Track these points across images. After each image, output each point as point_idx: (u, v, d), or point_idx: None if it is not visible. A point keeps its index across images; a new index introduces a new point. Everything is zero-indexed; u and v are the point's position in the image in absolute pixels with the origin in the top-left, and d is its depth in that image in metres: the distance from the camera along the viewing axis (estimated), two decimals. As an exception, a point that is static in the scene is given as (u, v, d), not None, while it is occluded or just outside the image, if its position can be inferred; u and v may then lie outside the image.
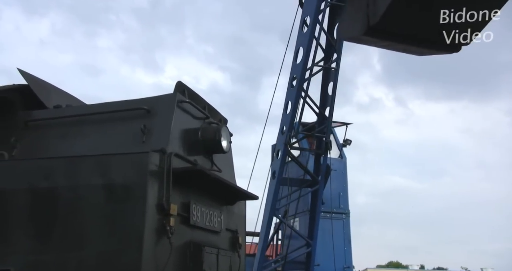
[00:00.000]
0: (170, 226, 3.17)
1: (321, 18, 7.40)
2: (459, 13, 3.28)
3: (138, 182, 3.11)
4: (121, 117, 3.69)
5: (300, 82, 7.45)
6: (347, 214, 8.66)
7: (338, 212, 8.55)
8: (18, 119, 3.86)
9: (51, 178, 3.22)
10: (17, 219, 3.19)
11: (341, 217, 8.55)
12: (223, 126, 4.12)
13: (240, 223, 4.51)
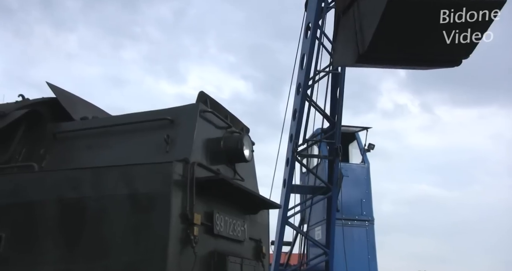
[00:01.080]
0: (194, 236, 3.18)
1: (321, 23, 7.37)
2: (459, 13, 3.23)
3: (162, 192, 3.14)
4: (145, 127, 3.75)
5: (304, 89, 7.44)
6: (370, 221, 8.41)
7: (360, 219, 8.32)
8: (47, 132, 3.98)
9: (78, 189, 3.29)
10: (46, 229, 3.27)
11: (363, 224, 8.32)
12: (245, 136, 4.14)
13: (263, 232, 4.49)
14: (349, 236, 7.96)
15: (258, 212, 4.39)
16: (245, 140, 4.03)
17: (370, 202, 8.58)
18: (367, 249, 8.21)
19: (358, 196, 8.37)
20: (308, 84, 7.40)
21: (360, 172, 8.67)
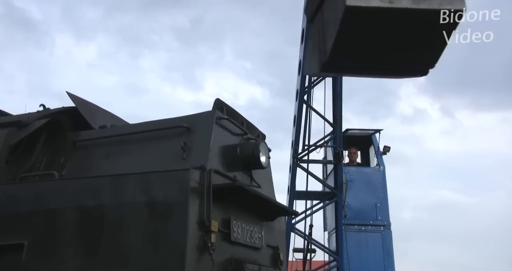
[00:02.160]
0: (212, 243, 3.18)
1: None
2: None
3: (180, 199, 3.16)
4: (162, 135, 3.79)
5: (301, 94, 7.48)
6: (385, 226, 8.10)
7: (375, 224, 8.04)
8: (67, 140, 4.05)
9: (97, 196, 3.33)
10: (67, 236, 3.32)
11: (378, 230, 8.02)
12: (262, 142, 4.14)
13: (280, 239, 4.46)
14: (364, 242, 7.77)
15: (275, 219, 4.37)
16: (261, 147, 4.03)
17: (385, 206, 8.29)
18: (382, 255, 7.93)
19: (373, 200, 8.09)
20: (304, 90, 7.45)
21: (375, 176, 8.38)
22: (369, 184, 8.20)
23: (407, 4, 3.50)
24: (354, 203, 7.96)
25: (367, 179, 8.28)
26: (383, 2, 3.51)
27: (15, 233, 3.40)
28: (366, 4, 3.57)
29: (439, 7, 3.45)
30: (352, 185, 8.03)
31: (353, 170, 8.34)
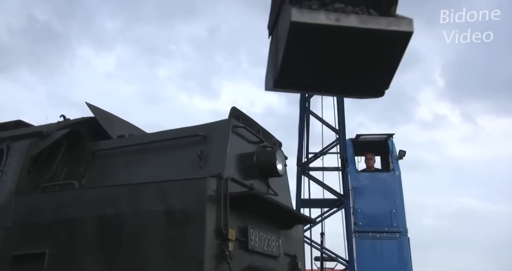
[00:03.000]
0: (229, 251, 3.18)
1: None
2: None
3: (197, 207, 3.17)
4: (179, 144, 3.82)
5: (302, 102, 7.48)
6: (401, 232, 7.78)
7: (390, 231, 7.73)
8: (86, 150, 4.13)
9: (116, 205, 3.37)
10: (87, 245, 3.36)
11: (394, 237, 7.71)
12: (278, 150, 4.13)
13: (298, 247, 4.42)
14: (379, 249, 7.52)
15: (293, 227, 4.34)
16: (277, 154, 4.02)
17: (401, 213, 7.97)
18: (398, 262, 7.61)
19: (387, 206, 7.79)
20: (305, 97, 7.47)
21: (390, 181, 8.08)
22: (383, 190, 7.98)
23: (354, 23, 3.52)
24: (368, 210, 7.76)
25: (381, 184, 8.05)
26: (329, 20, 3.53)
27: (37, 242, 3.47)
28: (311, 20, 3.61)
29: (386, 28, 3.47)
30: (366, 191, 7.87)
31: (366, 175, 8.19)
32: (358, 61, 3.57)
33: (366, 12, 3.61)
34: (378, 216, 7.72)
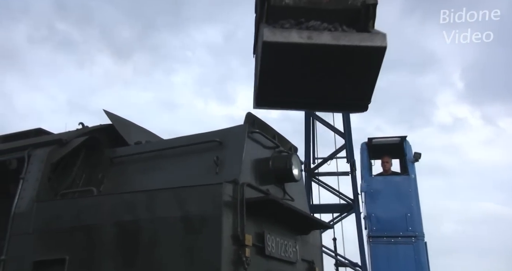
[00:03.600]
0: (246, 257, 3.17)
1: None
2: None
3: (213, 213, 3.18)
4: (195, 150, 3.84)
5: None
6: (417, 237, 7.54)
7: (405, 235, 7.52)
8: (104, 157, 4.19)
9: (133, 211, 3.40)
10: (106, 251, 3.40)
11: (409, 241, 7.49)
12: (294, 155, 4.12)
13: (316, 253, 4.39)
14: (394, 254, 7.32)
15: (310, 233, 4.31)
16: (293, 159, 4.01)
17: (417, 216, 7.72)
18: (415, 268, 7.36)
19: (402, 210, 7.57)
20: None
21: (404, 184, 7.84)
22: (398, 194, 7.80)
23: (326, 40, 3.48)
24: (382, 214, 7.61)
25: (396, 188, 7.88)
26: (301, 38, 3.39)
27: (58, 248, 3.52)
28: (284, 39, 3.52)
29: (359, 43, 3.43)
30: (380, 195, 7.75)
31: (380, 179, 8.07)
32: (337, 77, 3.60)
33: (340, 28, 3.64)
34: (393, 220, 7.54)
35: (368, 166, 8.03)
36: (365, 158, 8.03)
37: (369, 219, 7.58)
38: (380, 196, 7.71)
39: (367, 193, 7.77)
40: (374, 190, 7.75)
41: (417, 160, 8.08)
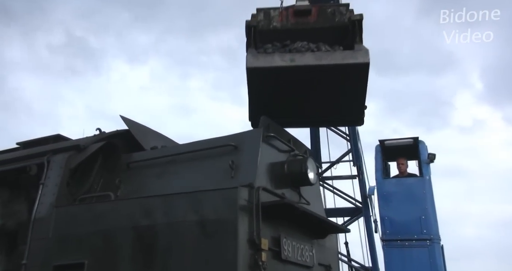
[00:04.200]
0: (263, 261, 3.17)
1: None
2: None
3: (229, 217, 3.18)
4: (210, 154, 3.86)
5: None
6: (432, 240, 7.29)
7: (420, 238, 7.30)
8: (121, 162, 4.24)
9: (150, 216, 3.43)
10: (123, 255, 3.43)
11: (424, 244, 7.25)
12: (309, 159, 4.11)
13: (332, 257, 4.35)
14: (409, 258, 7.11)
15: (326, 237, 4.28)
16: (309, 163, 3.99)
17: (432, 219, 7.48)
18: None
19: (416, 213, 7.36)
20: None
21: (418, 186, 7.61)
22: (412, 196, 7.64)
23: (309, 61, 3.49)
24: (395, 217, 7.45)
25: (409, 190, 7.72)
26: (284, 61, 3.54)
27: (77, 253, 3.57)
28: (267, 64, 3.61)
29: (342, 61, 3.42)
30: (393, 197, 7.62)
31: (393, 182, 7.94)
32: (326, 94, 3.71)
33: (324, 48, 3.75)
34: (407, 223, 7.37)
35: (381, 168, 7.93)
36: (379, 161, 7.93)
37: (383, 222, 7.46)
38: (393, 198, 7.58)
39: (380, 195, 7.67)
40: (387, 192, 7.63)
41: (432, 161, 7.92)
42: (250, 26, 4.08)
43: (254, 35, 3.97)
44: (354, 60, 3.42)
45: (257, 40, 4.04)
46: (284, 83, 3.59)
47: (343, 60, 3.44)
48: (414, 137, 7.99)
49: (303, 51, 3.62)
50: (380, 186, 7.73)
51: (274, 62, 3.54)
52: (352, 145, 7.59)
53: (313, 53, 3.59)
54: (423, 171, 7.76)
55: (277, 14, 4.02)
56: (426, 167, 7.78)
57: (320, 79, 3.54)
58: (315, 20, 3.99)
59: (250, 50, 3.82)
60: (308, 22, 4.00)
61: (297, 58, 3.53)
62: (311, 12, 4.07)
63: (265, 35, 4.03)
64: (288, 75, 3.56)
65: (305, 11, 4.09)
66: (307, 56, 3.54)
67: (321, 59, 3.47)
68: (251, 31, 3.97)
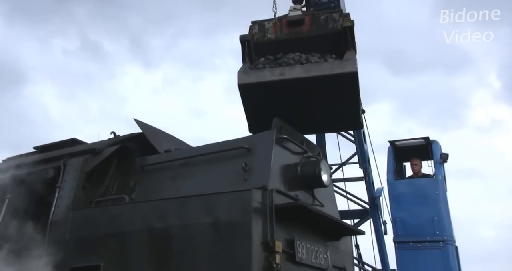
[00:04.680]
0: (277, 263, 3.16)
1: None
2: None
3: (243, 220, 3.18)
4: (224, 157, 3.87)
5: None
6: (445, 241, 7.12)
7: (432, 240, 7.14)
8: (135, 165, 4.28)
9: (164, 218, 3.46)
10: (138, 257, 3.46)
11: (437, 246, 7.09)
12: (322, 160, 4.09)
13: (347, 259, 4.32)
14: (421, 261, 6.97)
15: (341, 239, 4.24)
16: (322, 165, 3.97)
17: (444, 220, 7.31)
18: None
19: (428, 214, 7.20)
20: None
21: (431, 187, 7.45)
22: (424, 197, 7.48)
23: (298, 74, 3.61)
24: (407, 218, 7.31)
25: (421, 191, 7.58)
26: (274, 76, 3.67)
27: (93, 255, 3.61)
28: (257, 79, 3.75)
29: (330, 72, 3.52)
30: (404, 199, 7.50)
31: (404, 183, 7.83)
32: (321, 102, 3.84)
33: (313, 58, 3.88)
34: (419, 224, 7.24)
35: (393, 169, 7.84)
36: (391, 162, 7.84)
37: (395, 224, 7.36)
38: (405, 199, 7.47)
39: (391, 197, 7.58)
40: (399, 193, 7.53)
41: (445, 161, 7.78)
42: (243, 41, 4.19)
43: (249, 49, 4.09)
44: (342, 70, 3.53)
45: (252, 53, 4.16)
46: (279, 95, 3.73)
47: (331, 70, 3.56)
48: (424, 137, 7.88)
49: (292, 64, 3.77)
50: (391, 187, 7.64)
51: (264, 77, 3.68)
52: (358, 147, 7.54)
53: (302, 65, 3.76)
54: (436, 171, 7.62)
55: (271, 26, 4.13)
56: (439, 167, 7.63)
57: (312, 89, 3.65)
58: (309, 29, 4.08)
59: (243, 66, 4.00)
60: (301, 31, 4.09)
61: (287, 71, 3.63)
62: (304, 22, 4.13)
63: (261, 47, 4.14)
64: (280, 88, 3.70)
65: (298, 21, 4.14)
66: (296, 69, 3.72)
67: (310, 71, 3.58)
68: (244, 46, 4.09)
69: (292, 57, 3.81)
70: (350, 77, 3.50)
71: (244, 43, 4.16)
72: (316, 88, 3.62)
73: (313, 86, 3.61)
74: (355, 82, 3.51)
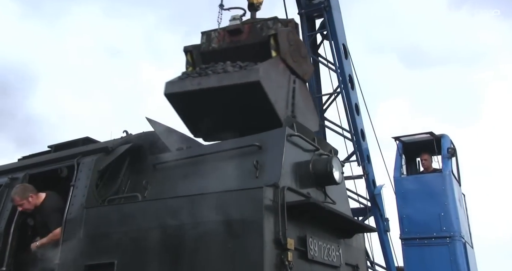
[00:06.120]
0: (289, 261, 3.16)
1: None
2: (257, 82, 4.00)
3: (254, 217, 3.19)
4: (235, 154, 3.88)
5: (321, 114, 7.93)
6: (452, 237, 6.98)
7: (439, 236, 7.01)
8: (147, 163, 4.31)
9: (177, 216, 3.47)
10: (151, 255, 3.49)
11: (444, 242, 6.97)
12: (334, 157, 4.06)
13: (360, 257, 4.29)
14: (429, 257, 6.91)
15: (353, 236, 4.22)
16: (334, 162, 3.95)
17: (452, 215, 7.14)
18: (451, 269, 6.83)
19: (435, 210, 7.09)
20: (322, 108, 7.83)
21: (437, 182, 7.31)
22: (430, 193, 7.33)
23: (212, 83, 3.94)
24: (413, 215, 7.21)
25: (428, 187, 7.41)
26: (193, 85, 4.02)
27: (106, 252, 3.66)
28: (180, 89, 4.11)
29: (238, 81, 3.86)
30: (411, 195, 7.41)
31: (410, 179, 7.72)
32: (244, 108, 4.19)
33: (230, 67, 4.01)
34: (425, 220, 7.12)
35: (400, 166, 7.74)
36: (398, 158, 7.75)
37: (401, 221, 7.28)
38: (411, 196, 7.38)
39: (398, 193, 7.51)
40: (405, 190, 7.44)
41: (453, 155, 7.65)
42: (186, 51, 4.56)
43: (193, 58, 4.48)
44: (246, 79, 3.81)
45: (196, 63, 4.49)
46: (203, 102, 4.01)
47: (240, 80, 3.84)
48: (429, 131, 7.75)
49: (209, 74, 3.97)
50: (398, 184, 7.57)
51: (185, 87, 4.04)
52: (355, 145, 7.51)
53: (216, 75, 3.93)
54: (443, 166, 7.47)
55: (216, 36, 4.48)
56: (446, 162, 7.45)
57: (228, 97, 3.93)
58: (246, 38, 4.39)
59: (177, 76, 4.30)
60: (240, 40, 4.41)
61: (203, 81, 3.93)
62: (243, 30, 4.44)
63: (207, 56, 4.46)
64: (200, 97, 3.97)
65: (237, 30, 4.46)
66: (211, 79, 3.91)
67: (222, 81, 3.87)
68: (187, 55, 4.50)
69: (211, 68, 4.14)
70: (255, 85, 3.80)
71: (186, 53, 4.55)
72: (231, 96, 3.87)
73: (228, 94, 3.87)
74: (261, 90, 3.81)
